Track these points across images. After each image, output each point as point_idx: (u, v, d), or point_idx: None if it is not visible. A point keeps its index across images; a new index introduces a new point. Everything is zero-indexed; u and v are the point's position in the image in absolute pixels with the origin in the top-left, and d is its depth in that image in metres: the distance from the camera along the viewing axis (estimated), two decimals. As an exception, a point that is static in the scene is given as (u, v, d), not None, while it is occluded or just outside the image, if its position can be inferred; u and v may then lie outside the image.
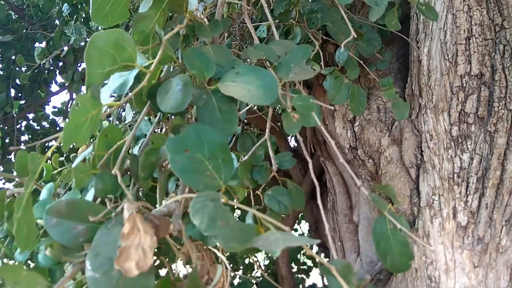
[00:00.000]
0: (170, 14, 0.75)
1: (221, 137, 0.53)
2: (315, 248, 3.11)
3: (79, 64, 3.23)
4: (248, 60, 0.76)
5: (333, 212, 2.06)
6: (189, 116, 0.68)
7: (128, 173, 0.65)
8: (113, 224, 0.47)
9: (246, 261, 3.91)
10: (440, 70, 1.51)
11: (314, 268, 4.15)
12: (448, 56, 1.49)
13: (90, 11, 0.56)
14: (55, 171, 1.54)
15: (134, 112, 1.59)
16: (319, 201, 0.73)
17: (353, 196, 1.99)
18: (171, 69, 0.68)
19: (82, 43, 2.44)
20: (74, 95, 3.92)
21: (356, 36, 1.03)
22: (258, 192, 0.88)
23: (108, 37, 0.49)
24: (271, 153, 0.84)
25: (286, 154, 0.93)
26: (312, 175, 0.77)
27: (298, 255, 3.98)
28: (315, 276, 4.26)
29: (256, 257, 3.81)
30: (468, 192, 1.39)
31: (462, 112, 1.43)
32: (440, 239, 1.43)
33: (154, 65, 0.56)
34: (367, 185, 1.84)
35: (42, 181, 1.44)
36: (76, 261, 0.47)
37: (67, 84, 3.79)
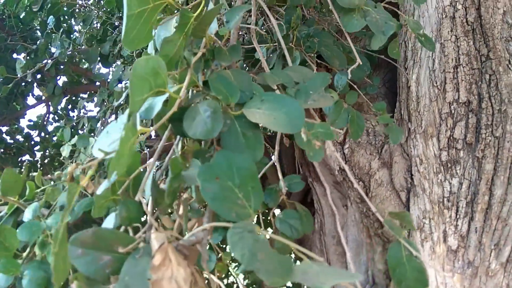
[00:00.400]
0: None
1: (251, 164, 0.53)
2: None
3: (58, 77, 3.14)
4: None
5: (320, 234, 2.06)
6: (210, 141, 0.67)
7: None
8: (140, 254, 0.45)
9: (225, 281, 3.84)
10: (429, 96, 1.56)
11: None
12: (436, 83, 1.55)
13: (122, 37, 0.55)
14: (38, 190, 1.48)
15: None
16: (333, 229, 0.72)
17: (341, 218, 2.00)
18: (190, 94, 0.67)
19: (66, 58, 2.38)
20: (52, 109, 3.81)
21: (361, 63, 1.05)
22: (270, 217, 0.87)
23: (147, 64, 0.48)
24: (280, 176, 0.83)
25: (295, 177, 0.93)
26: (330, 201, 0.76)
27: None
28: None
29: (235, 277, 3.74)
30: (458, 216, 1.42)
31: (451, 138, 1.48)
32: (431, 262, 1.44)
33: (184, 90, 0.55)
34: (356, 207, 1.85)
35: (25, 199, 1.38)
36: (103, 295, 0.44)
37: (44, 98, 3.69)
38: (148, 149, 1.93)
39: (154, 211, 0.59)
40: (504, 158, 1.39)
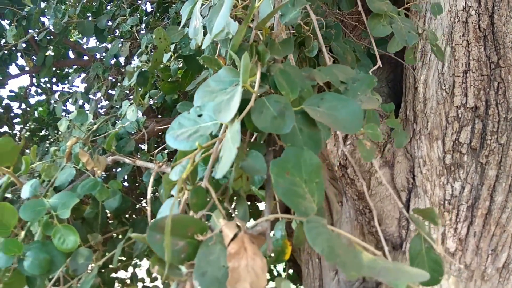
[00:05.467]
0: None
1: (317, 161, 0.54)
2: (282, 264, 3.09)
3: (50, 49, 3.00)
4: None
5: (312, 228, 2.05)
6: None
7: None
8: (213, 242, 0.45)
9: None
10: (436, 99, 1.57)
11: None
12: (445, 86, 1.55)
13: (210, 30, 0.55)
14: (33, 165, 1.40)
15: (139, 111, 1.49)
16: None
17: (335, 214, 2.00)
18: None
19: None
20: (35, 81, 3.65)
21: (381, 66, 1.05)
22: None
23: (245, 59, 0.50)
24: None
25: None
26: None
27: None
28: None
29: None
30: (458, 220, 1.44)
31: (457, 141, 1.49)
32: (427, 263, 1.46)
33: (257, 85, 0.55)
34: (352, 204, 1.85)
35: (20, 174, 1.31)
36: (180, 280, 0.43)
37: (28, 69, 3.53)
38: (145, 129, 1.87)
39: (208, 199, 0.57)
40: (507, 165, 1.41)
